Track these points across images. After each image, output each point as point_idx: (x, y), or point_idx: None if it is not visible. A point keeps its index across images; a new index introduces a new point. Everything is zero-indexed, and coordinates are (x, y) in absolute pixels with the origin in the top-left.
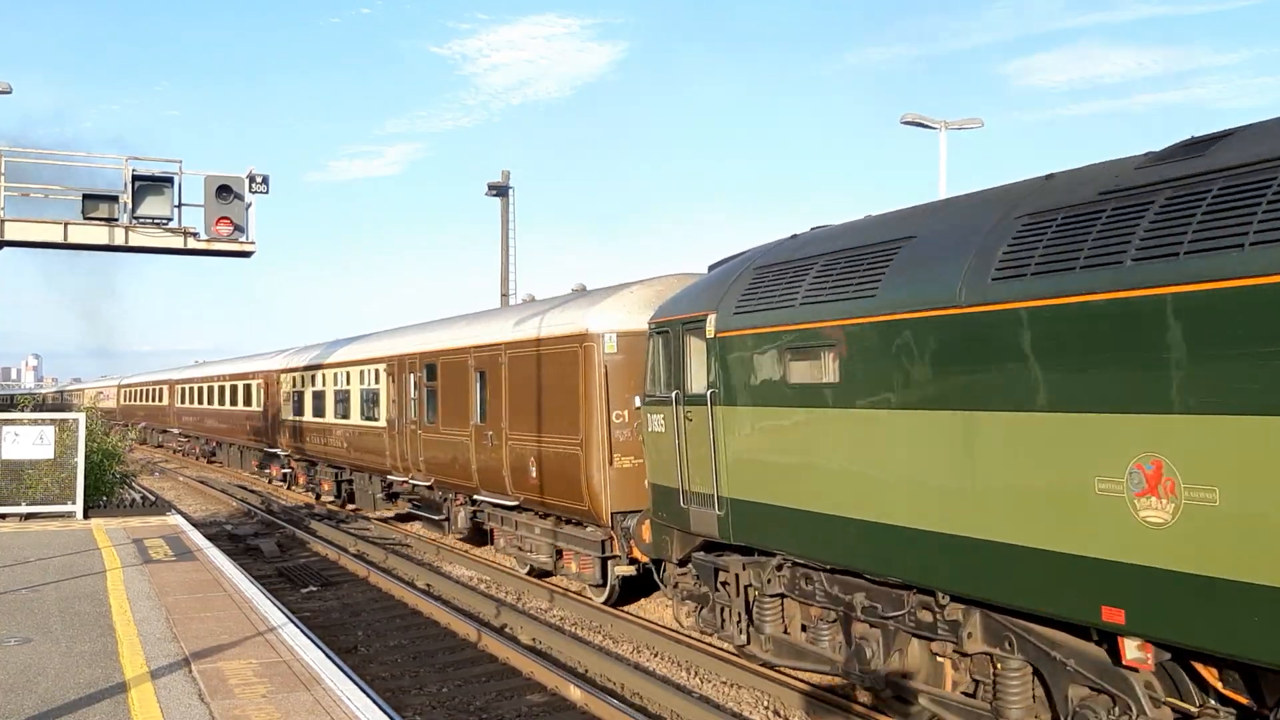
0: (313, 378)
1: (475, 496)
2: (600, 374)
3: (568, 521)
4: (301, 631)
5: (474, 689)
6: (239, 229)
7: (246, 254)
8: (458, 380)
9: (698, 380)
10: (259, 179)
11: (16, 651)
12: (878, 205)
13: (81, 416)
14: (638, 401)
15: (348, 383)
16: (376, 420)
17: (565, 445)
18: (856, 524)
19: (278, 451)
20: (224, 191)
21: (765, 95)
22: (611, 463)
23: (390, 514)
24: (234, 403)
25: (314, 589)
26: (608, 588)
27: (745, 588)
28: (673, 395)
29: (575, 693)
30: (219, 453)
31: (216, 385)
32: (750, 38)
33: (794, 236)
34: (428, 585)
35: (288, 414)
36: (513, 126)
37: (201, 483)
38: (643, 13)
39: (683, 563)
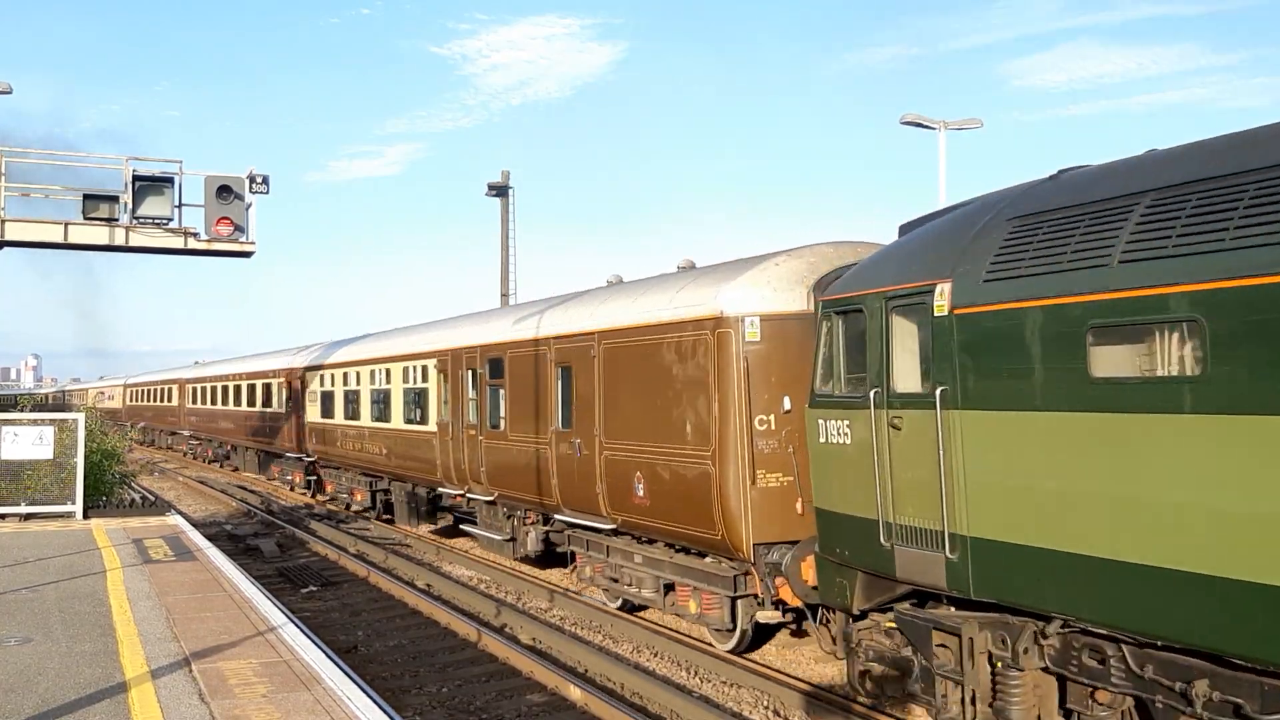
0: (344, 375)
1: (555, 516)
2: (739, 368)
3: (682, 550)
4: (301, 631)
5: (474, 689)
6: (239, 229)
7: (246, 254)
8: (531, 377)
9: (911, 374)
10: (259, 179)
11: (16, 651)
12: (877, 204)
13: (81, 416)
14: (787, 404)
15: (387, 381)
16: (424, 424)
17: (690, 459)
18: (1223, 584)
19: (301, 457)
20: (224, 192)
21: (765, 95)
22: (754, 481)
23: (435, 529)
24: (251, 403)
25: (314, 589)
26: (737, 633)
27: (979, 656)
28: (869, 395)
29: (575, 692)
30: (233, 456)
31: (232, 385)
32: (750, 38)
33: (1056, 176)
34: (428, 585)
35: (314, 415)
36: (513, 126)
37: (201, 483)
38: (642, 13)
39: (862, 614)
